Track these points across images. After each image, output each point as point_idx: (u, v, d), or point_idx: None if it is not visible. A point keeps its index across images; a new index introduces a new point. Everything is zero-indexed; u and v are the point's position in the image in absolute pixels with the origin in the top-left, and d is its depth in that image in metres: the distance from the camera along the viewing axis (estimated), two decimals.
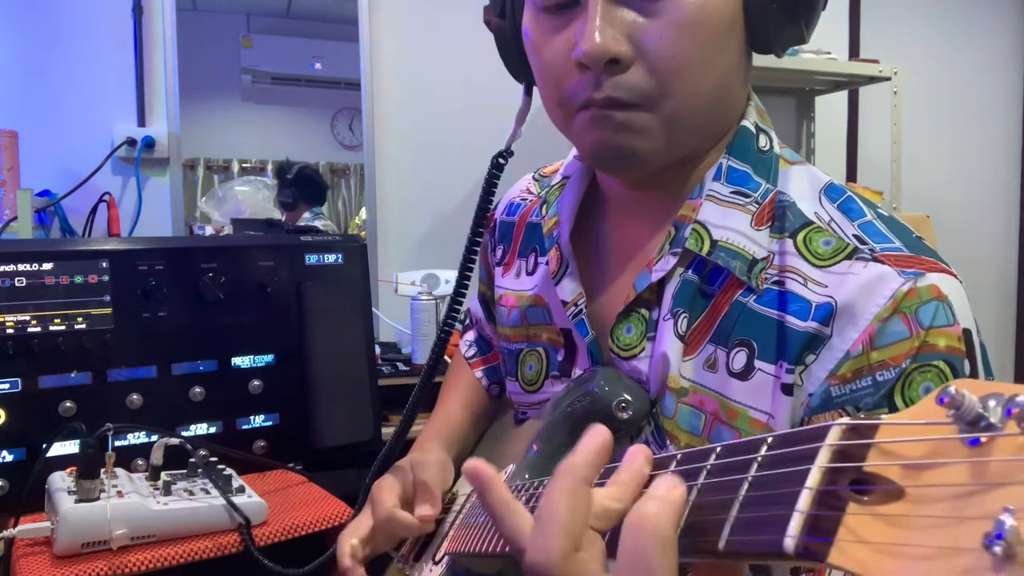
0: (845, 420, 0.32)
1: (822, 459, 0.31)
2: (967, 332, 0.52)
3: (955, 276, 0.55)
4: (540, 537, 0.40)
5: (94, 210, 1.86)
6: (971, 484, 0.26)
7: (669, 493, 0.37)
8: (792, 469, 0.32)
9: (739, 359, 0.59)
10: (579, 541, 0.39)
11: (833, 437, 0.31)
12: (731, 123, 0.64)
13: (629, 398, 0.61)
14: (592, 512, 0.40)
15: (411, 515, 0.72)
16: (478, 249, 0.74)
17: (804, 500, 0.30)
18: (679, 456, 0.40)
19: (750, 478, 0.34)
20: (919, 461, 0.28)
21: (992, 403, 0.27)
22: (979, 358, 0.53)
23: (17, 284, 1.06)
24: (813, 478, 0.30)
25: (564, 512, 0.39)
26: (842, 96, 2.65)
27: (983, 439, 0.26)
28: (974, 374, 0.52)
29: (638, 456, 0.42)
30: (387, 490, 0.74)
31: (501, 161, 0.72)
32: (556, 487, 0.40)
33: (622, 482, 0.41)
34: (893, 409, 0.52)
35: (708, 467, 0.38)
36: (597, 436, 0.43)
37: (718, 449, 0.38)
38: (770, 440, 0.35)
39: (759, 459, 0.35)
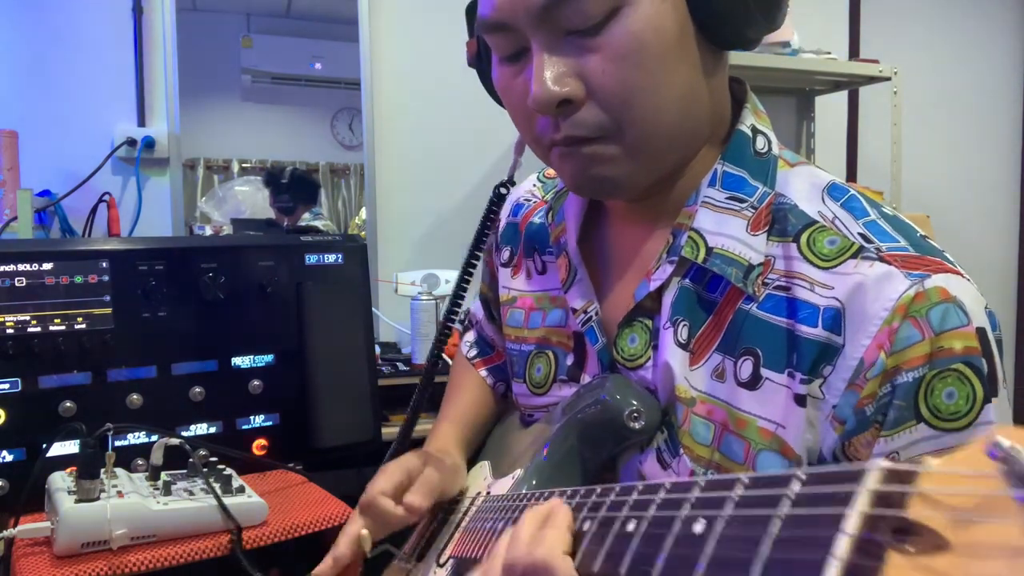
0: (885, 463, 0.30)
1: (861, 504, 0.29)
2: (981, 330, 0.51)
3: (962, 275, 0.54)
4: None
5: (94, 210, 1.86)
6: (1022, 544, 0.25)
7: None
8: (828, 511, 0.30)
9: (745, 368, 0.58)
10: None
11: (872, 481, 0.30)
12: (709, 126, 0.63)
13: (641, 408, 0.61)
14: None
15: (394, 504, 0.72)
16: (473, 271, 0.74)
17: (842, 546, 0.29)
18: (703, 483, 0.40)
19: (783, 516, 0.33)
20: (967, 516, 0.27)
21: None
22: (996, 355, 0.52)
23: (17, 284, 1.06)
24: (852, 523, 0.29)
25: None
26: (842, 96, 2.65)
27: None
28: (992, 371, 0.51)
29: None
30: (384, 474, 0.74)
31: (503, 191, 0.72)
32: None
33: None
34: (920, 419, 0.51)
35: (735, 498, 0.36)
36: None
37: (745, 480, 0.37)
38: (803, 477, 0.34)
39: (791, 496, 0.33)
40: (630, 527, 0.42)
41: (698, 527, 0.37)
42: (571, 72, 0.56)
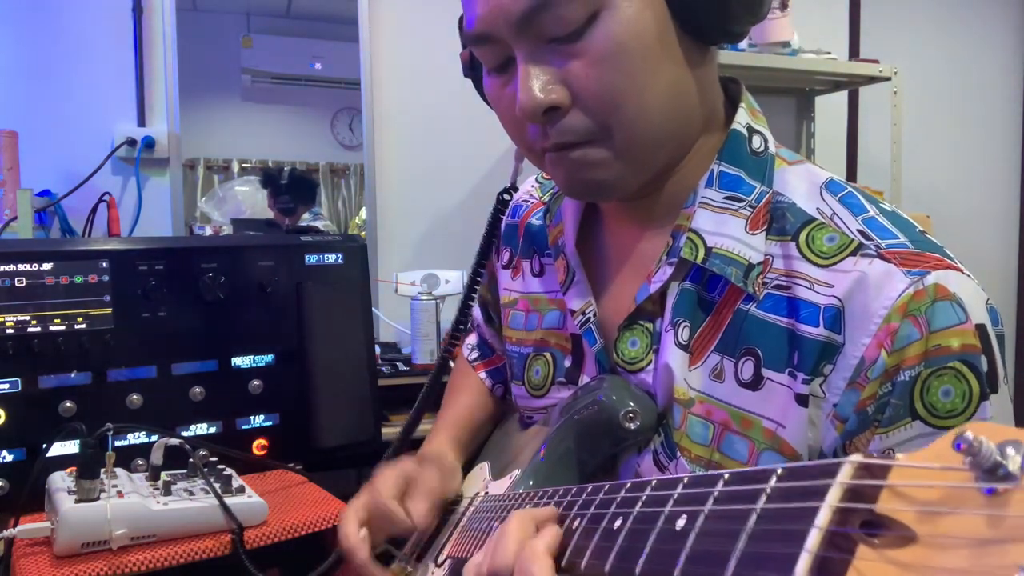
0: (857, 457, 0.31)
1: (832, 497, 0.30)
2: (981, 327, 0.51)
3: (962, 271, 0.54)
4: None
5: (94, 210, 1.86)
6: (987, 536, 0.25)
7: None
8: (801, 505, 0.31)
9: (747, 369, 0.58)
10: None
11: (844, 475, 0.30)
12: (700, 123, 0.63)
13: (637, 408, 0.61)
14: None
15: (403, 510, 0.72)
16: (480, 281, 0.74)
17: (813, 539, 0.29)
18: (686, 479, 0.40)
19: (758, 510, 0.33)
20: (934, 508, 0.27)
21: (1011, 451, 0.26)
22: (996, 351, 0.52)
23: (17, 284, 1.06)
24: (823, 517, 0.30)
25: None
26: (842, 96, 2.65)
27: (999, 489, 0.26)
28: (992, 368, 0.51)
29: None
30: (387, 479, 0.74)
31: (506, 197, 0.72)
32: None
33: None
34: (915, 417, 0.51)
35: (715, 493, 0.37)
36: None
37: (726, 476, 0.37)
38: (779, 471, 0.34)
39: (767, 491, 0.34)
40: (616, 524, 0.43)
41: (680, 522, 0.38)
42: (555, 79, 0.57)
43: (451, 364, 0.99)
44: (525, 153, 0.65)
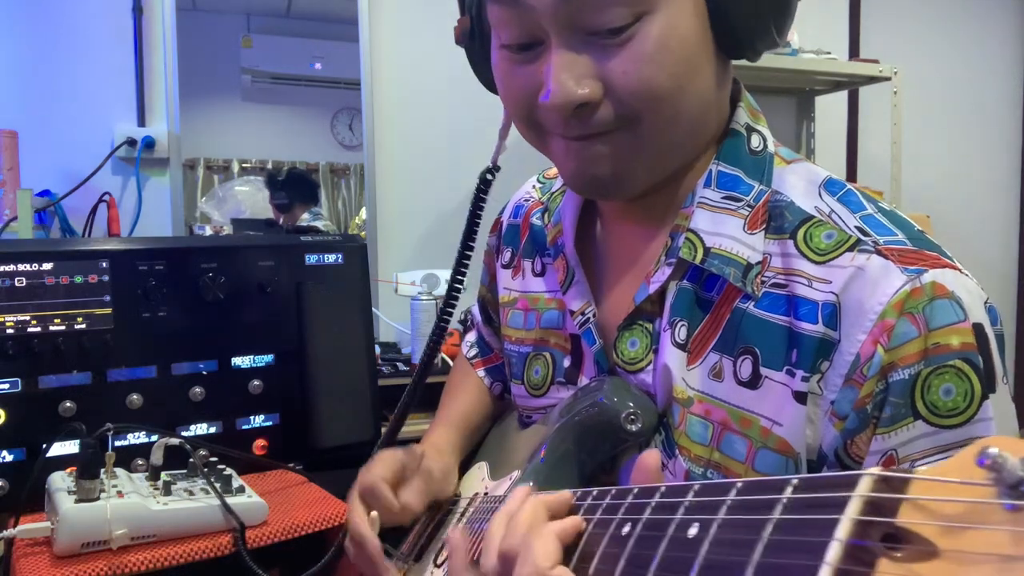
0: (876, 470, 0.31)
1: (852, 510, 0.29)
2: (978, 326, 0.51)
3: (960, 270, 0.53)
4: None
5: (94, 210, 1.86)
6: (1012, 553, 0.25)
7: None
8: (820, 517, 0.30)
9: (745, 367, 0.58)
10: None
11: (864, 488, 0.30)
12: (712, 133, 0.63)
13: (637, 410, 0.61)
14: None
15: (393, 496, 0.72)
16: (467, 263, 0.74)
17: (834, 552, 0.29)
18: (697, 487, 0.40)
19: (775, 520, 0.33)
20: (956, 523, 0.27)
21: None
22: (994, 351, 0.51)
23: (17, 284, 1.06)
24: (843, 529, 0.29)
25: None
26: (842, 96, 2.65)
27: (1023, 505, 0.26)
28: (989, 368, 0.50)
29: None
30: (382, 462, 0.75)
31: (489, 177, 0.72)
32: None
33: None
34: (917, 416, 0.50)
35: (729, 502, 0.36)
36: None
37: (739, 484, 0.37)
38: (795, 482, 0.34)
39: (784, 501, 0.33)
40: (625, 530, 0.42)
41: (692, 530, 0.37)
42: (591, 73, 0.56)
43: (435, 363, 0.99)
44: (526, 131, 0.63)
